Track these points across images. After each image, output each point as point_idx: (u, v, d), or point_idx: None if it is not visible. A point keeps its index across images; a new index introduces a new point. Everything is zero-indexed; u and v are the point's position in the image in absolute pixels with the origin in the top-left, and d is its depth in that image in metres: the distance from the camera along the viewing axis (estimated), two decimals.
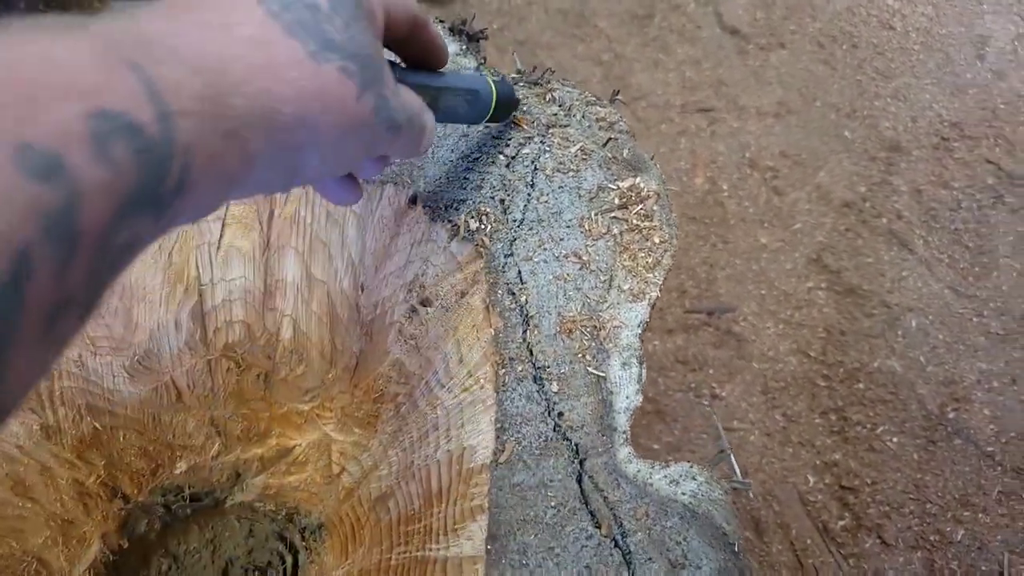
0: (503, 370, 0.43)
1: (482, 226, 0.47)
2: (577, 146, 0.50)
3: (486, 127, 0.51)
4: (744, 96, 1.85)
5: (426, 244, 0.48)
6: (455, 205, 0.49)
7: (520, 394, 0.43)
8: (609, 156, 0.50)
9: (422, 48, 0.36)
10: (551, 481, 0.41)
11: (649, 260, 0.46)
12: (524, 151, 0.50)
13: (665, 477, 0.41)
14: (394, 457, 0.51)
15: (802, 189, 1.71)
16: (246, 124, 0.23)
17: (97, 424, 0.51)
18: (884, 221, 1.65)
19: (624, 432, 0.42)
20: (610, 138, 0.50)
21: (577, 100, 0.52)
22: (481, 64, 0.54)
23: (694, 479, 0.41)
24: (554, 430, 0.42)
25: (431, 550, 0.43)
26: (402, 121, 0.31)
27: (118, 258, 0.19)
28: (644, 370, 0.43)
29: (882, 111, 1.82)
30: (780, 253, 1.63)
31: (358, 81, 0.27)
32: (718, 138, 1.78)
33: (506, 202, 0.48)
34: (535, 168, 0.49)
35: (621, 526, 0.39)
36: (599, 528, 0.39)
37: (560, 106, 0.52)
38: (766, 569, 1.31)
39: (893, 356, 1.49)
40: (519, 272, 0.46)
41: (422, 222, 0.49)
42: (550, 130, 0.51)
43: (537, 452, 0.41)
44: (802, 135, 1.79)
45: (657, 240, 0.47)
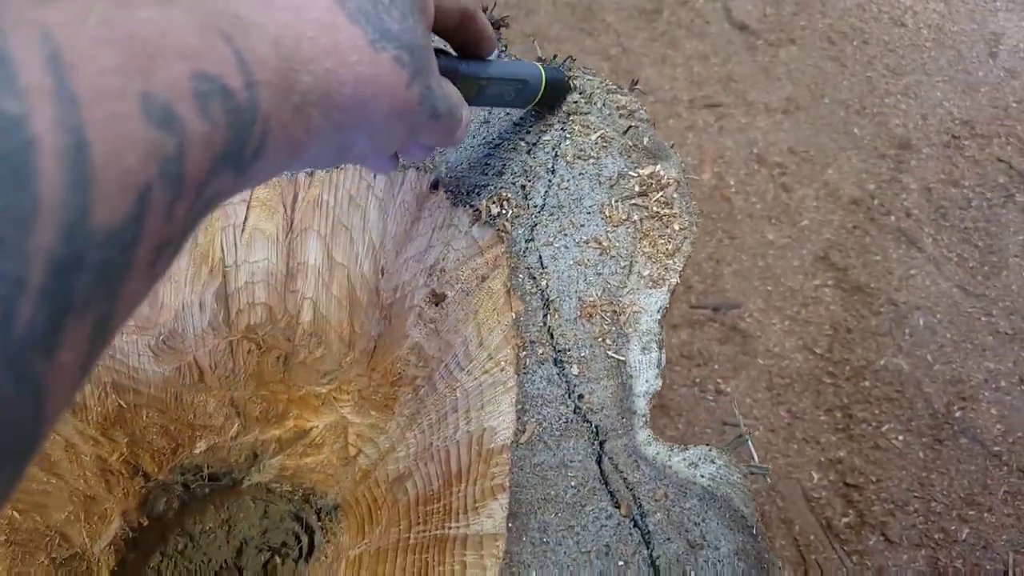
0: (524, 353, 0.44)
1: (503, 211, 0.48)
2: (597, 133, 0.50)
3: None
4: (752, 92, 1.85)
5: (447, 229, 0.49)
6: (476, 190, 0.49)
7: (541, 376, 0.43)
8: (629, 144, 0.50)
9: (471, 37, 0.37)
10: (571, 461, 0.41)
11: (669, 247, 0.47)
12: (545, 138, 0.50)
13: (684, 460, 0.41)
14: (412, 439, 0.52)
15: (810, 186, 1.71)
16: (311, 101, 0.24)
17: (121, 402, 0.52)
18: (893, 219, 1.65)
19: (644, 415, 0.42)
20: (630, 126, 0.51)
21: (598, 88, 0.52)
22: (502, 51, 0.54)
23: (713, 462, 0.41)
24: (574, 412, 0.42)
25: (451, 528, 0.44)
26: (443, 110, 0.32)
27: (204, 210, 0.21)
28: (664, 355, 0.44)
29: (892, 108, 1.82)
30: (787, 250, 1.63)
31: (410, 71, 0.28)
32: (726, 133, 1.78)
33: (527, 188, 0.49)
34: (556, 155, 0.50)
35: (640, 507, 0.40)
36: (618, 508, 0.40)
37: (581, 94, 0.52)
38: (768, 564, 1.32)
39: (900, 354, 1.49)
40: (540, 257, 0.47)
41: (443, 207, 0.49)
42: (571, 118, 0.51)
43: (558, 433, 0.42)
44: (811, 131, 1.79)
45: (677, 227, 0.47)
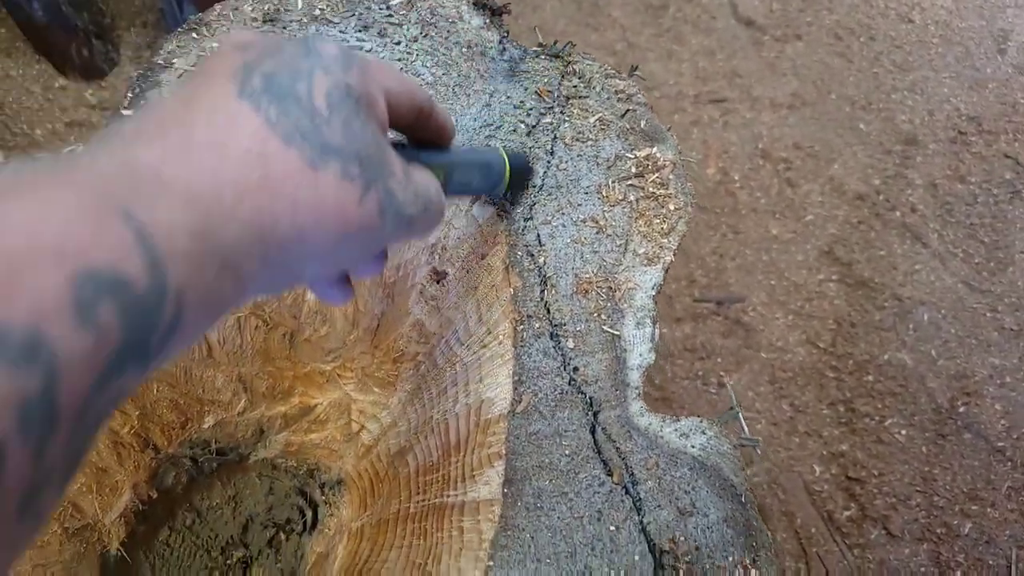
0: (521, 327, 0.45)
1: None
2: (596, 116, 0.52)
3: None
4: (758, 87, 1.85)
5: (448, 208, 0.50)
6: None
7: (537, 350, 0.45)
8: (627, 127, 0.52)
9: (430, 130, 0.34)
10: (566, 431, 0.42)
11: (664, 226, 0.48)
12: (545, 121, 0.52)
13: (676, 430, 0.43)
14: (413, 413, 0.53)
15: (815, 181, 1.71)
16: (240, 251, 0.22)
17: None
18: (898, 214, 1.65)
19: (637, 387, 0.44)
20: (628, 109, 0.52)
21: (597, 73, 0.54)
22: (504, 38, 0.55)
23: (704, 433, 0.42)
24: (569, 384, 0.44)
25: (449, 496, 0.45)
26: (415, 212, 0.29)
27: (99, 418, 0.18)
28: (657, 330, 0.45)
29: (899, 104, 1.82)
30: (791, 244, 1.63)
31: (360, 183, 0.25)
32: (731, 129, 1.78)
33: None
34: (555, 137, 0.51)
35: (632, 475, 0.41)
36: (611, 476, 0.41)
37: (580, 78, 0.53)
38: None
39: (904, 349, 1.49)
40: (538, 235, 0.48)
41: None
42: (570, 101, 0.52)
43: (553, 404, 0.43)
44: (816, 127, 1.79)
45: (672, 207, 0.49)
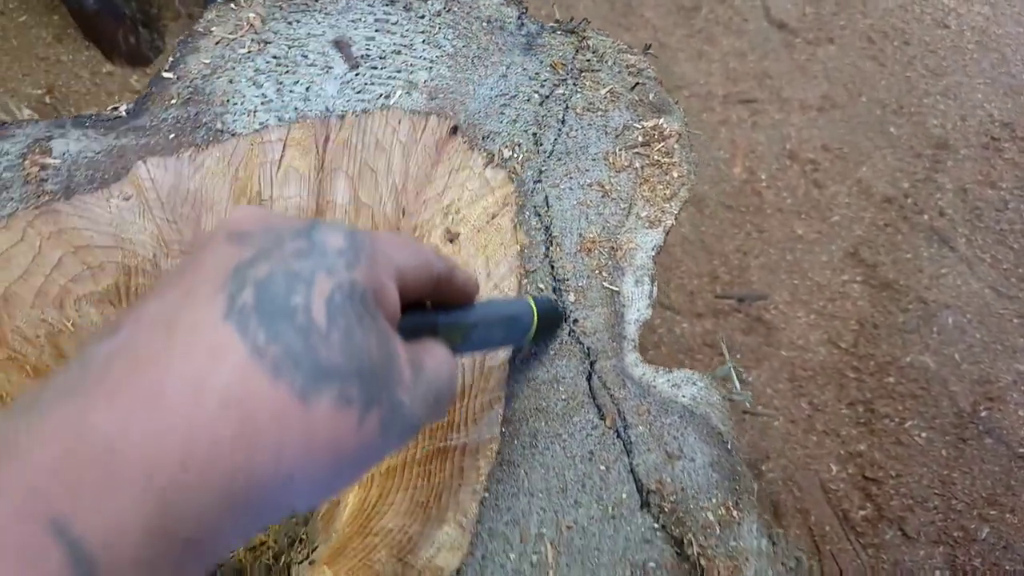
0: (525, 280, 0.48)
1: (515, 155, 0.52)
2: (607, 88, 0.54)
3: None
4: (788, 89, 1.85)
5: (463, 171, 0.53)
6: (491, 136, 0.53)
7: None
8: (636, 99, 0.54)
9: (450, 295, 0.31)
10: (563, 378, 0.45)
11: (667, 192, 0.50)
12: (558, 91, 0.54)
13: (668, 381, 0.45)
14: None
15: (843, 183, 1.70)
16: (206, 525, 0.19)
17: None
18: (926, 218, 1.63)
19: (633, 340, 0.46)
20: (638, 83, 0.54)
21: (610, 48, 0.56)
22: (523, 13, 0.58)
23: (695, 384, 0.44)
24: (569, 334, 0.46)
25: (452, 439, 0.48)
26: (423, 414, 0.26)
27: None
28: (655, 288, 0.47)
29: (931, 108, 1.80)
30: (816, 244, 1.63)
31: (359, 405, 0.22)
32: (759, 129, 1.79)
33: (538, 136, 0.53)
34: (567, 107, 0.53)
35: (624, 420, 0.43)
36: (604, 420, 0.43)
37: (594, 53, 0.56)
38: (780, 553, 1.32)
39: (927, 352, 1.48)
40: (546, 197, 0.50)
41: (461, 151, 0.53)
42: (583, 74, 0.55)
43: (552, 352, 0.46)
44: (846, 129, 1.78)
45: (676, 175, 0.51)
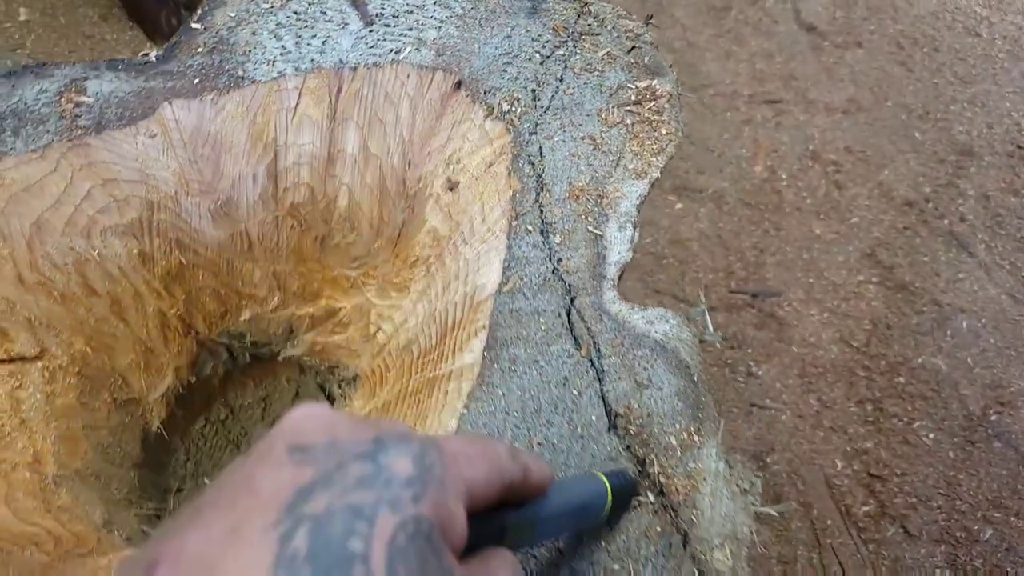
0: (515, 222, 0.51)
1: (513, 109, 0.55)
2: (604, 51, 0.57)
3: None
4: (814, 91, 1.85)
5: (464, 123, 0.56)
6: (493, 91, 0.56)
7: (527, 243, 0.50)
8: (632, 61, 0.57)
9: (525, 494, 0.29)
10: (544, 310, 0.48)
11: (655, 147, 0.53)
12: (558, 52, 0.57)
13: (643, 318, 0.47)
14: (421, 309, 0.60)
15: (864, 185, 1.70)
16: None
17: (183, 259, 0.61)
18: (946, 223, 1.62)
19: (612, 280, 0.48)
20: (634, 47, 0.57)
21: (610, 14, 0.59)
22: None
23: (667, 322, 0.47)
24: (552, 272, 0.49)
25: (440, 369, 0.51)
26: None
27: None
28: (637, 233, 0.50)
29: (957, 115, 1.79)
30: (833, 245, 1.63)
31: None
32: (783, 129, 1.79)
33: (536, 92, 0.56)
34: (565, 66, 0.56)
35: (598, 350, 0.46)
36: (579, 350, 0.46)
37: (595, 18, 0.59)
38: (782, 544, 1.33)
39: (939, 354, 1.47)
40: (540, 147, 0.53)
41: (463, 105, 0.57)
42: (583, 37, 0.58)
43: (536, 287, 0.49)
44: (870, 133, 1.78)
45: (664, 132, 0.53)
